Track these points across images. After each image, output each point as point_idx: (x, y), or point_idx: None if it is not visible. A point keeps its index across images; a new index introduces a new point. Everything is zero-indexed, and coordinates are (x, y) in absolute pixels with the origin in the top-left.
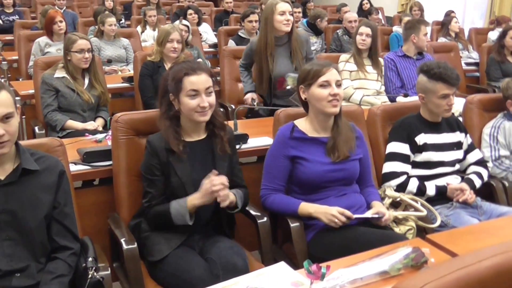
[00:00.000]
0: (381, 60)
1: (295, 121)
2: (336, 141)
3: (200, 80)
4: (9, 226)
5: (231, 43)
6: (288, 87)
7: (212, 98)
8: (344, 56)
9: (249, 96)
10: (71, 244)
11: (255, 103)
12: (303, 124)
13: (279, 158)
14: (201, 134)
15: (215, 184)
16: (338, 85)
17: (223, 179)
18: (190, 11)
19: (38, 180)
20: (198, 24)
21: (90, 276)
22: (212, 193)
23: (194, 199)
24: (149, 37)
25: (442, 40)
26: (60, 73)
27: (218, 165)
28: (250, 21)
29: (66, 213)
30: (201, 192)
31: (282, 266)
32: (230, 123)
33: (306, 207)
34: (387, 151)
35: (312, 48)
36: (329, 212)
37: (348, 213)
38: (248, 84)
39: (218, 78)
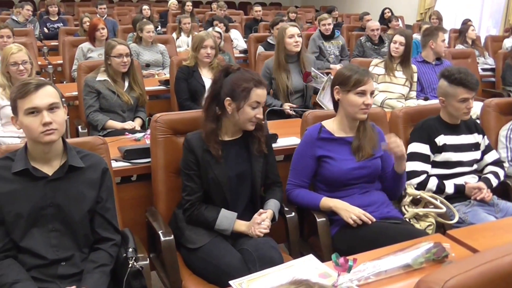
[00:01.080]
0: (413, 66)
1: (323, 122)
2: (361, 141)
3: (263, 94)
4: (56, 219)
5: (261, 49)
6: (311, 83)
7: (262, 111)
8: (375, 61)
9: (287, 106)
10: (112, 235)
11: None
12: (330, 125)
13: (305, 157)
14: (239, 134)
15: (263, 228)
16: (371, 94)
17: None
18: (215, 22)
19: (83, 176)
20: (226, 31)
21: (130, 265)
22: (258, 233)
23: (241, 226)
24: (183, 43)
25: (459, 47)
26: (101, 76)
27: (254, 163)
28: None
29: (108, 207)
30: (248, 225)
31: (310, 259)
32: None
33: (327, 201)
34: (408, 151)
35: (329, 53)
36: (350, 211)
37: (369, 216)
38: (277, 101)
39: None
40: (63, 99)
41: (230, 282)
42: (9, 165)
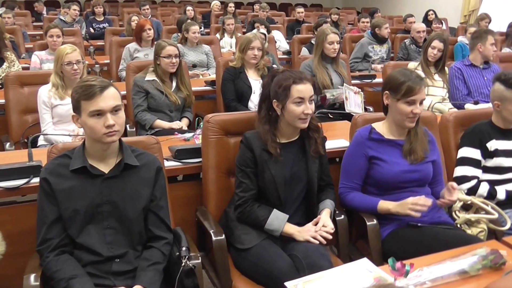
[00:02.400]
0: (445, 68)
1: (373, 124)
2: (413, 144)
3: (306, 89)
4: (111, 216)
5: (305, 51)
6: (331, 101)
7: (313, 106)
8: (412, 64)
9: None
10: (165, 234)
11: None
12: (380, 127)
13: (357, 158)
14: (295, 135)
15: (317, 236)
16: (421, 103)
17: (328, 230)
18: (256, 24)
19: (138, 174)
20: (267, 33)
21: (183, 264)
22: (307, 237)
23: (291, 229)
24: (226, 44)
25: (506, 50)
26: (150, 76)
27: (310, 164)
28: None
29: (161, 206)
30: (300, 230)
31: (364, 262)
32: None
33: (385, 204)
34: (459, 155)
35: (377, 56)
36: (405, 204)
37: (423, 200)
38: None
39: None
40: None
41: (286, 283)
42: (67, 163)
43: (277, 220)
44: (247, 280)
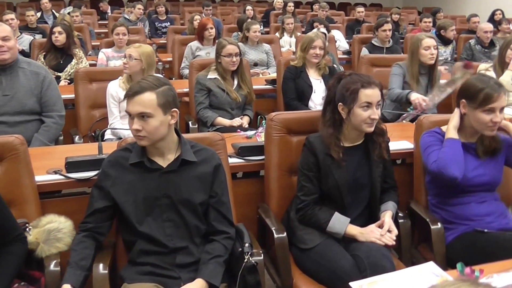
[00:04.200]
0: None
1: (442, 127)
2: (484, 143)
3: (374, 94)
4: (169, 209)
5: (365, 51)
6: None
7: (379, 111)
8: (483, 66)
9: (419, 98)
10: (227, 228)
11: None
12: None
13: (436, 143)
14: (360, 140)
15: (382, 239)
16: (502, 111)
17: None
18: (315, 24)
19: (195, 170)
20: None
21: (246, 260)
22: (371, 239)
23: (353, 230)
24: (286, 43)
25: None
26: (212, 74)
27: (374, 169)
28: (384, 30)
29: (223, 201)
30: (362, 231)
31: (430, 266)
32: None
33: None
34: None
35: (441, 57)
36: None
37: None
38: (408, 91)
39: None
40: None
41: (351, 283)
42: (128, 156)
43: (339, 222)
44: (308, 278)
